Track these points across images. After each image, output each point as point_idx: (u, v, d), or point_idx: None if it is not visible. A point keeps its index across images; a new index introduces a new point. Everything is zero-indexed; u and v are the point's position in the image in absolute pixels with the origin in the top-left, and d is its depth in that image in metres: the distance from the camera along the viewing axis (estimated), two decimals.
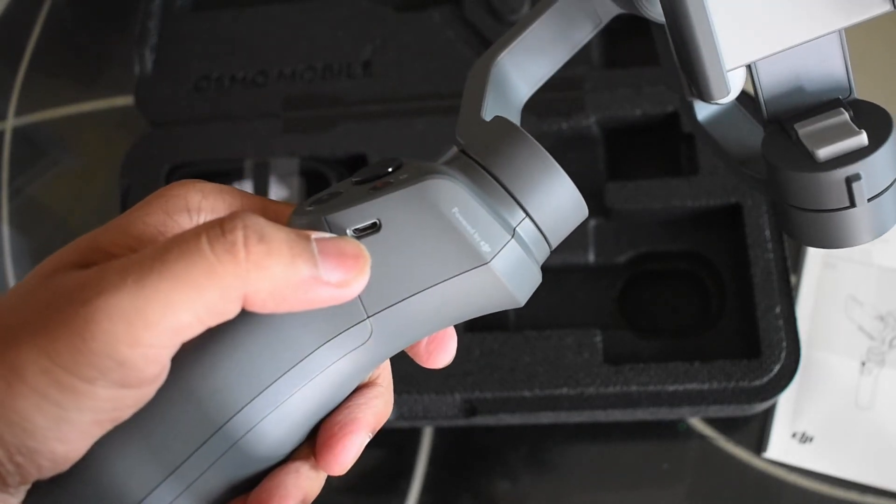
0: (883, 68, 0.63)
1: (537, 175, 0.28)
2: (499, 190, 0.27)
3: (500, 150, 0.28)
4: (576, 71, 0.60)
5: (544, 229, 0.28)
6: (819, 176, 0.28)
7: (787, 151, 0.29)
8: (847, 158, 0.28)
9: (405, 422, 0.52)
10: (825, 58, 0.30)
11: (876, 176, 0.28)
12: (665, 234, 0.56)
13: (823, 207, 0.29)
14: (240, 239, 0.23)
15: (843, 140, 0.28)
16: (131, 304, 0.22)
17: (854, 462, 0.51)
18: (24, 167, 0.70)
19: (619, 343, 0.53)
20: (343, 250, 0.25)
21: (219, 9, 0.67)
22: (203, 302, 0.23)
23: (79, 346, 0.22)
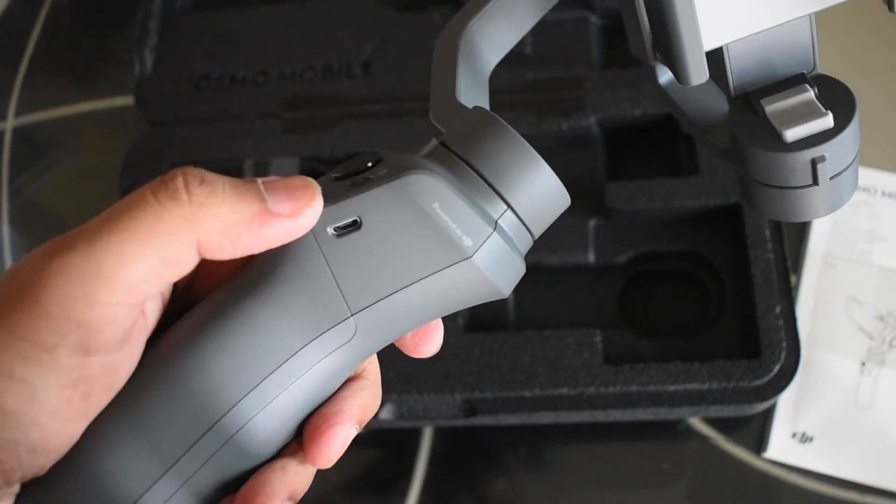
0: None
1: (518, 166, 0.27)
2: (479, 182, 0.27)
3: (479, 141, 0.28)
4: (576, 71, 0.60)
5: (526, 220, 0.28)
6: (786, 156, 0.29)
7: (753, 128, 0.30)
8: (813, 140, 0.28)
9: (405, 422, 0.52)
10: (795, 35, 0.30)
11: (839, 156, 0.29)
12: (665, 234, 0.56)
13: (787, 185, 0.30)
14: (181, 184, 0.23)
15: (810, 121, 0.28)
16: (84, 261, 0.22)
17: (854, 462, 0.51)
18: (24, 167, 0.70)
19: (619, 343, 0.53)
20: (289, 183, 0.25)
21: (219, 9, 0.67)
22: (155, 250, 0.22)
23: (36, 312, 0.22)
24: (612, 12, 0.63)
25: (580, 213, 0.56)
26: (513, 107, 0.58)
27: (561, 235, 0.55)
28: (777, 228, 0.53)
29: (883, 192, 0.58)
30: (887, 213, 0.57)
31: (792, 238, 0.57)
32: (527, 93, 0.59)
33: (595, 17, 0.63)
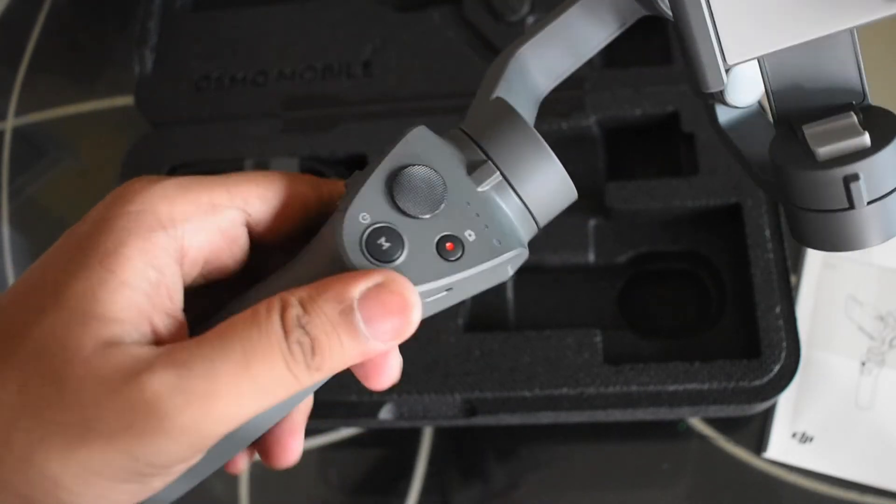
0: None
1: (526, 154, 0.28)
2: (508, 189, 0.29)
3: (491, 125, 0.29)
4: (576, 71, 0.59)
5: (531, 206, 0.29)
6: (816, 174, 0.28)
7: (791, 150, 0.29)
8: (847, 159, 0.28)
9: (405, 422, 0.52)
10: (837, 60, 0.30)
11: (878, 178, 0.28)
12: (665, 234, 0.56)
13: (823, 207, 0.29)
14: (303, 357, 0.25)
15: (845, 140, 0.28)
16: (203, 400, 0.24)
17: (854, 462, 0.51)
18: (24, 167, 0.70)
19: (619, 343, 0.53)
20: (389, 307, 0.26)
21: (219, 9, 0.67)
22: (262, 406, 0.25)
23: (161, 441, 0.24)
24: None
25: (580, 213, 0.56)
26: None
27: (561, 235, 0.55)
28: (777, 228, 0.53)
29: None
30: None
31: (792, 238, 0.57)
32: None
33: None
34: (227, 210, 0.28)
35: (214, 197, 0.28)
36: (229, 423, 0.24)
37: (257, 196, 0.29)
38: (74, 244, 0.26)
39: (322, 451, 0.56)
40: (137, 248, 0.25)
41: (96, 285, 0.24)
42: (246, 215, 0.29)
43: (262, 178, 0.29)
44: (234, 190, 0.28)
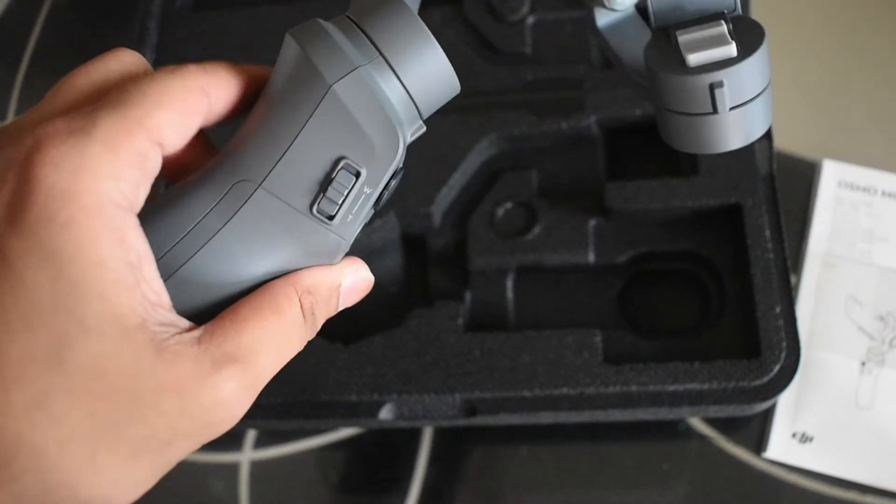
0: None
1: (407, 37, 0.29)
2: (366, 43, 0.28)
3: (374, 11, 0.29)
4: (576, 71, 0.60)
5: (413, 92, 0.29)
6: (684, 79, 0.30)
7: (664, 55, 0.31)
8: (714, 66, 0.30)
9: (405, 422, 0.52)
10: None
11: (741, 85, 0.30)
12: (665, 234, 0.56)
13: (690, 111, 0.31)
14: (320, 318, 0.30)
15: (714, 48, 0.30)
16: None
17: (854, 462, 0.51)
18: None
19: (619, 343, 0.53)
20: (359, 288, 0.32)
21: (219, 9, 0.67)
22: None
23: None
24: None
25: (580, 213, 0.56)
26: (513, 107, 0.58)
27: (561, 235, 0.55)
28: (777, 228, 0.53)
29: (883, 192, 0.58)
30: (887, 213, 0.57)
31: (792, 238, 0.57)
32: (527, 93, 0.59)
33: None
34: (151, 153, 0.27)
35: (139, 146, 0.26)
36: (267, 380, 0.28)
37: (168, 124, 0.27)
38: (37, 251, 0.24)
39: (322, 451, 0.56)
40: (115, 242, 0.25)
41: (113, 301, 0.24)
42: (161, 148, 0.27)
43: (167, 98, 0.27)
44: (150, 126, 0.26)
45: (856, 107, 0.62)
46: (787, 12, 0.65)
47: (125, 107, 0.26)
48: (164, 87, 0.27)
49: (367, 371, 0.52)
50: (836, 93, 0.63)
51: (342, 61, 0.27)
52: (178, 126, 0.28)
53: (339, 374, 0.52)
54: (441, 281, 0.57)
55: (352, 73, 0.27)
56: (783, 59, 0.63)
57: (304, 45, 0.28)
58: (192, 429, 0.26)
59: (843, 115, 0.62)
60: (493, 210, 0.57)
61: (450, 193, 0.58)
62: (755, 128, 0.32)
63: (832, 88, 0.63)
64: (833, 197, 0.58)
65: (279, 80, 0.28)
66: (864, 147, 0.60)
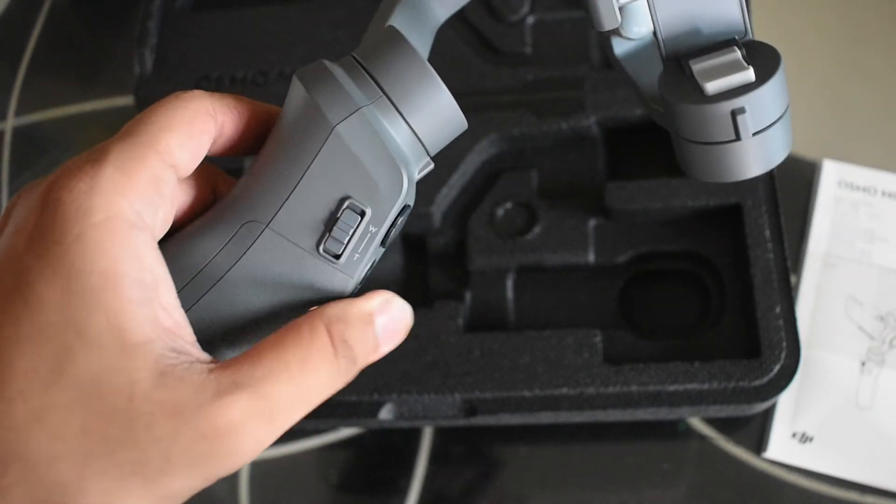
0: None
1: (412, 79, 0.29)
2: (370, 83, 0.29)
3: (379, 52, 0.29)
4: (576, 71, 0.60)
5: (420, 133, 0.29)
6: (705, 108, 0.30)
7: (680, 85, 0.31)
8: (733, 93, 0.29)
9: (405, 422, 0.52)
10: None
11: (761, 110, 0.30)
12: (665, 234, 0.56)
13: (711, 140, 0.31)
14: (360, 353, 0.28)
15: (731, 75, 0.30)
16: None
17: (854, 462, 0.51)
18: (24, 167, 0.70)
19: (619, 343, 0.53)
20: (398, 327, 0.29)
21: (219, 9, 0.67)
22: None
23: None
24: None
25: (580, 213, 0.56)
26: (513, 107, 0.58)
27: (561, 235, 0.55)
28: (777, 228, 0.53)
29: (883, 192, 0.58)
30: (887, 213, 0.57)
31: (792, 238, 0.57)
32: (527, 93, 0.59)
33: None
34: (165, 175, 0.27)
35: (152, 168, 0.27)
36: (285, 428, 0.26)
37: (178, 145, 0.28)
38: (51, 268, 0.24)
39: (322, 451, 0.56)
40: (128, 259, 0.25)
41: (116, 314, 0.24)
42: (175, 170, 0.28)
43: (175, 121, 0.28)
44: (161, 149, 0.27)
45: (856, 107, 0.62)
46: (787, 13, 0.65)
47: (135, 134, 0.27)
48: (171, 112, 0.28)
49: (367, 371, 0.52)
50: (836, 93, 0.63)
51: (345, 102, 0.28)
52: (189, 147, 0.28)
53: None
54: (441, 281, 0.57)
55: (355, 114, 0.28)
56: (783, 59, 0.63)
57: (309, 87, 0.28)
58: (189, 457, 0.24)
59: (843, 115, 0.62)
60: (493, 210, 0.57)
61: (450, 193, 0.58)
62: (776, 153, 0.31)
63: (832, 88, 0.63)
64: (833, 197, 0.58)
65: (286, 121, 0.29)
66: (864, 147, 0.60)
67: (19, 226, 0.26)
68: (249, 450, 0.25)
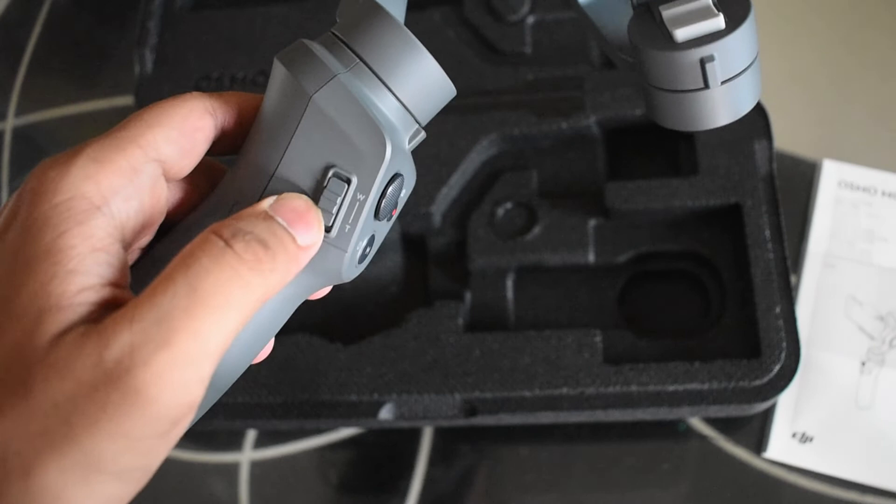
0: None
1: (395, 49, 0.28)
2: (347, 52, 0.28)
3: (355, 22, 0.29)
4: (576, 71, 0.60)
5: (407, 103, 0.29)
6: (674, 55, 0.29)
7: (649, 32, 0.31)
8: (703, 40, 0.29)
9: (405, 422, 0.52)
10: None
11: (731, 59, 0.29)
12: (665, 234, 0.56)
13: (680, 88, 0.30)
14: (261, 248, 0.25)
15: (701, 22, 0.29)
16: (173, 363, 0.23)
17: (854, 462, 0.51)
18: (24, 167, 0.70)
19: (619, 343, 0.53)
20: (298, 212, 0.26)
21: (219, 9, 0.67)
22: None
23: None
24: None
25: (580, 213, 0.56)
26: (513, 107, 0.58)
27: (561, 235, 0.55)
28: (777, 228, 0.53)
29: (883, 192, 0.58)
30: (887, 213, 0.57)
31: (792, 238, 0.57)
32: (527, 93, 0.59)
33: None
34: (146, 167, 0.27)
35: (131, 159, 0.26)
36: (205, 358, 0.23)
37: (165, 140, 0.27)
38: (10, 254, 0.24)
39: (322, 451, 0.56)
40: (78, 234, 0.24)
41: (45, 282, 0.23)
42: (161, 164, 0.27)
43: (165, 118, 0.27)
44: (143, 143, 0.27)
45: (856, 107, 0.62)
46: (787, 12, 0.65)
47: (120, 130, 0.27)
48: (162, 110, 0.28)
49: (367, 371, 0.52)
50: (836, 93, 0.63)
51: (322, 71, 0.27)
52: (179, 143, 0.27)
53: (339, 374, 0.52)
54: (441, 281, 0.57)
55: (331, 81, 0.27)
56: (783, 59, 0.63)
57: (287, 64, 0.28)
58: (88, 416, 0.22)
59: (843, 115, 0.62)
60: (493, 210, 0.57)
61: (450, 193, 0.58)
62: (744, 102, 0.31)
63: (832, 89, 0.63)
64: (833, 197, 0.58)
65: (268, 101, 0.29)
66: (864, 147, 0.60)
67: (0, 222, 0.26)
68: (161, 386, 0.22)
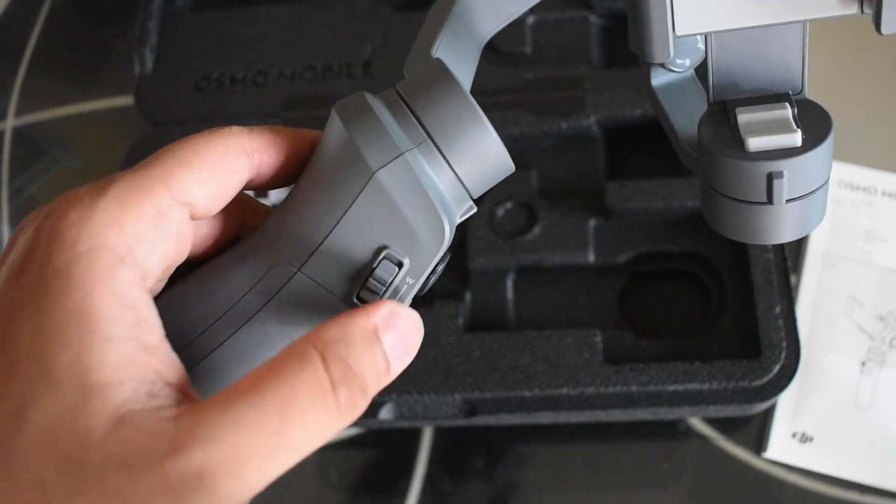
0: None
1: (459, 121, 0.27)
2: (418, 130, 0.27)
3: (425, 89, 0.27)
4: (576, 71, 0.60)
5: (464, 178, 0.27)
6: (742, 164, 0.28)
7: (720, 133, 0.29)
8: (775, 154, 0.27)
9: (405, 422, 0.52)
10: (784, 48, 0.29)
11: (802, 178, 0.28)
12: (665, 234, 0.56)
13: (742, 198, 0.29)
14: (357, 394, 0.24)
15: (777, 135, 0.27)
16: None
17: (854, 462, 0.51)
18: (24, 167, 0.70)
19: (619, 343, 0.53)
20: (409, 342, 0.25)
21: (219, 9, 0.67)
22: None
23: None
24: (612, 12, 0.63)
25: (580, 213, 0.56)
26: (513, 107, 0.58)
27: (561, 235, 0.55)
28: None
29: (883, 192, 0.58)
30: (887, 213, 0.57)
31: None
32: (527, 93, 0.59)
33: (595, 17, 0.63)
34: (172, 212, 0.25)
35: (157, 202, 0.25)
36: (263, 483, 0.23)
37: (195, 181, 0.25)
38: (30, 301, 0.23)
39: (322, 451, 0.56)
40: (106, 293, 0.23)
41: (82, 352, 0.22)
42: (189, 208, 0.26)
43: (197, 157, 0.26)
44: (172, 184, 0.25)
45: (856, 107, 0.62)
46: None
47: (148, 167, 0.25)
48: (196, 147, 0.26)
49: None
50: (836, 93, 0.63)
51: (387, 146, 0.26)
52: (210, 185, 0.26)
53: None
54: (441, 281, 0.57)
55: (397, 160, 0.26)
56: None
57: (349, 125, 0.26)
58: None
59: (844, 115, 0.62)
60: (493, 210, 0.57)
61: None
62: (809, 222, 0.29)
63: (832, 88, 0.63)
64: (833, 197, 0.58)
65: (324, 158, 0.27)
66: (864, 147, 0.60)
67: (14, 258, 0.24)
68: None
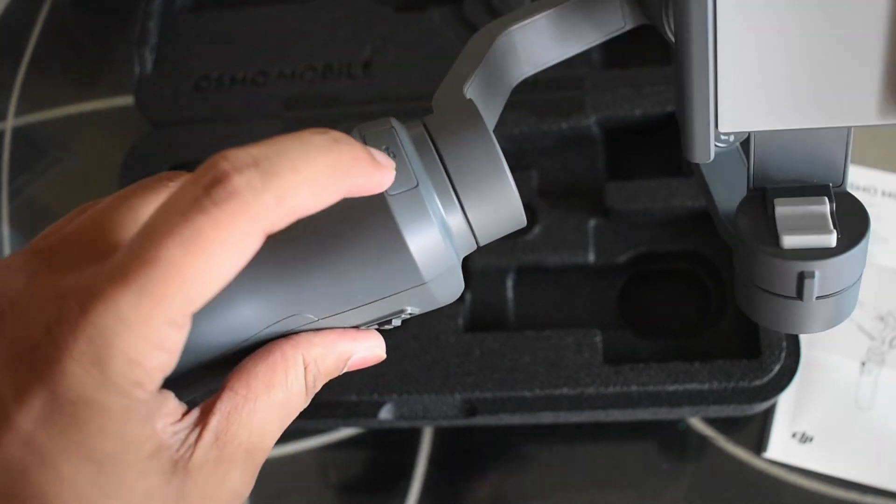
0: None
1: (483, 170, 0.26)
2: (440, 172, 0.26)
3: (454, 132, 0.27)
4: (576, 71, 0.60)
5: (473, 221, 0.27)
6: (774, 260, 0.28)
7: (756, 223, 0.29)
8: (809, 253, 0.27)
9: (405, 422, 0.52)
10: (827, 145, 0.29)
11: (832, 279, 0.28)
12: (665, 234, 0.56)
13: (772, 290, 0.29)
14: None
15: (812, 234, 0.27)
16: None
17: (854, 462, 0.51)
18: (24, 167, 0.70)
19: (619, 343, 0.53)
20: (367, 363, 0.30)
21: (219, 9, 0.67)
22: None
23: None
24: None
25: (580, 213, 0.56)
26: (513, 107, 0.58)
27: (561, 235, 0.55)
28: None
29: (883, 192, 0.58)
30: (887, 213, 0.57)
31: None
32: (527, 93, 0.59)
33: None
34: (183, 321, 0.23)
35: (160, 328, 0.23)
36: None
37: (210, 283, 0.23)
38: (84, 456, 0.23)
39: (322, 451, 0.56)
40: (142, 439, 0.23)
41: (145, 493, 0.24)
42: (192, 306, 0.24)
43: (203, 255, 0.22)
44: (177, 298, 0.22)
45: None
46: None
47: (149, 279, 0.21)
48: (203, 239, 0.22)
49: (367, 371, 0.52)
50: None
51: (424, 218, 0.25)
52: (221, 279, 0.22)
53: (340, 374, 0.52)
54: None
55: (411, 191, 0.25)
56: None
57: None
58: None
59: None
60: None
61: None
62: (840, 315, 0.29)
63: None
64: None
65: (347, 211, 0.25)
66: (864, 147, 0.60)
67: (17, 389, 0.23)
68: (244, 497, 0.26)
